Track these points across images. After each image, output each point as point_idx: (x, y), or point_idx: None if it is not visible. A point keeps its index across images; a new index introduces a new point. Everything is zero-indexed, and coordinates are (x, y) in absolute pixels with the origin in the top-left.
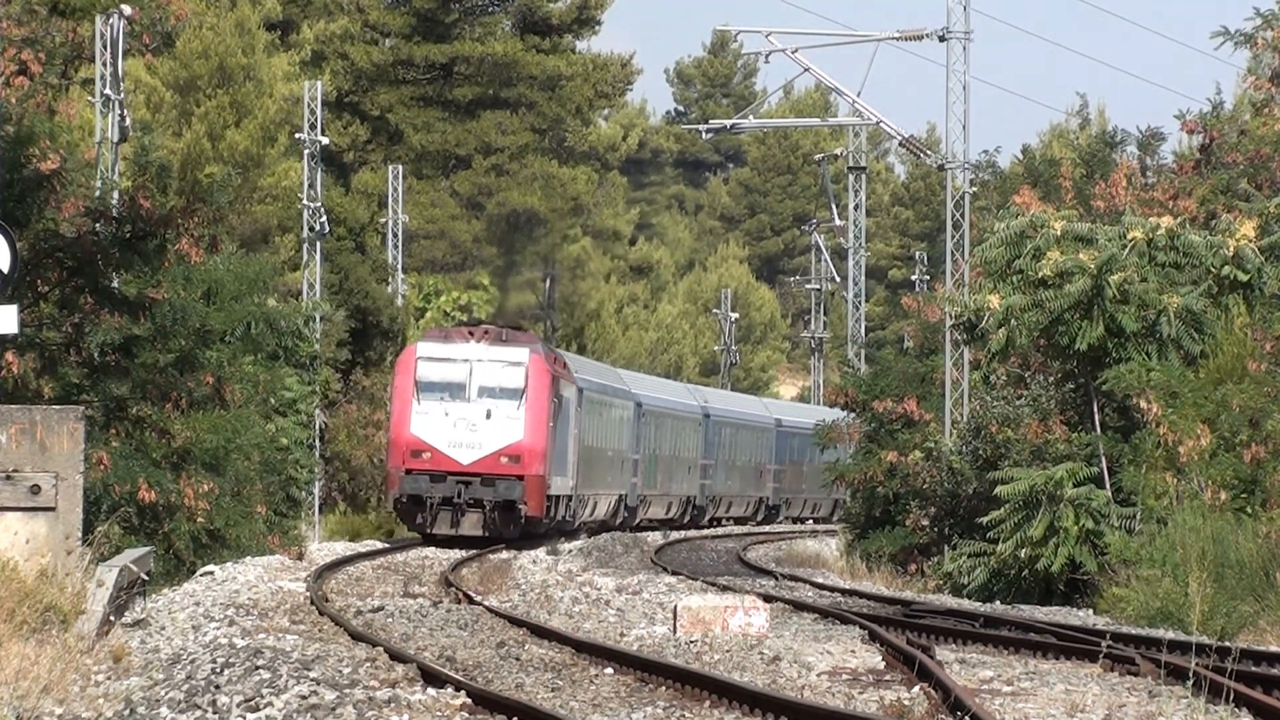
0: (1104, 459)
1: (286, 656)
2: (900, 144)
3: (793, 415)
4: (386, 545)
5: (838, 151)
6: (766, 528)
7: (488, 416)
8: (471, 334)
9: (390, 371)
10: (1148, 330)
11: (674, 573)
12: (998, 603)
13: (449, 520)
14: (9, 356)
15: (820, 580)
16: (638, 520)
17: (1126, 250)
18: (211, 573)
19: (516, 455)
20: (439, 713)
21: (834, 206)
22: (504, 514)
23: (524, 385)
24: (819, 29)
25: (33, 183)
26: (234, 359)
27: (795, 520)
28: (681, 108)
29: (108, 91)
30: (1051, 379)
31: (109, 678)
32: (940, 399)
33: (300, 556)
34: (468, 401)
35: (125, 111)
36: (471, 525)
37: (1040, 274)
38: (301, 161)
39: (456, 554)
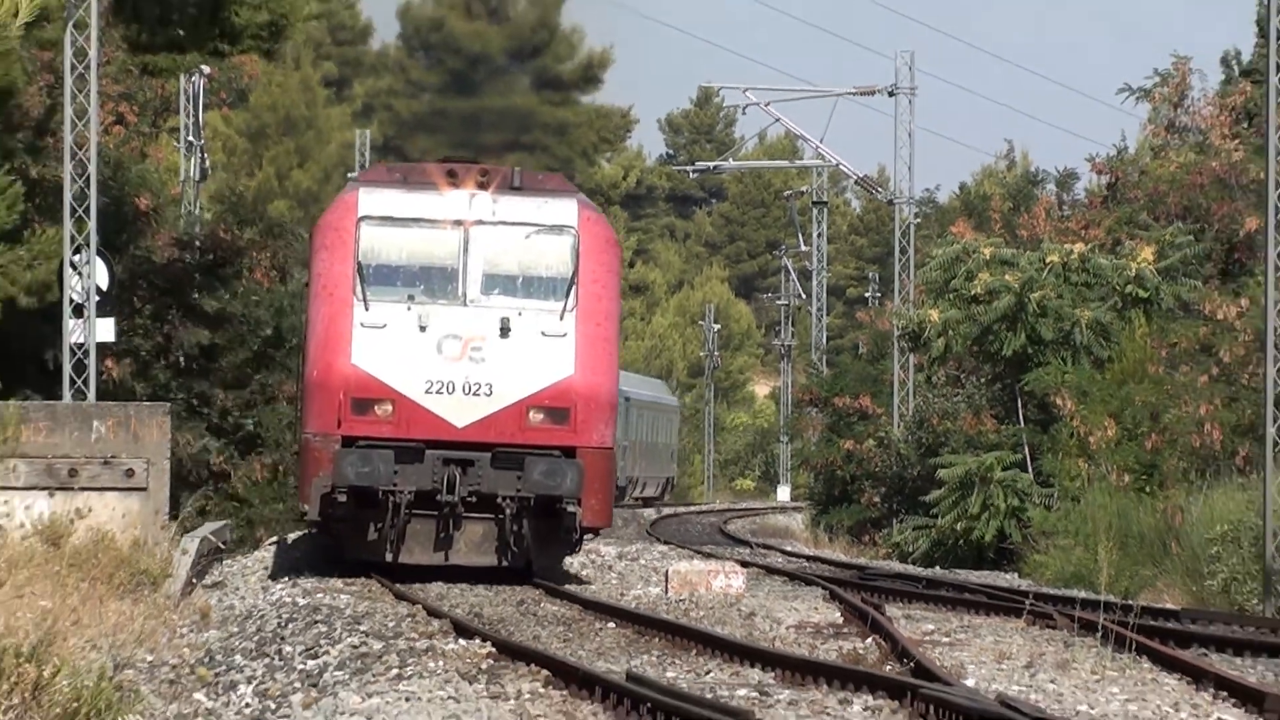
0: (1027, 447)
1: (341, 613)
2: (856, 182)
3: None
4: None
5: (803, 189)
6: (743, 504)
7: (503, 333)
8: (456, 177)
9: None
10: (1063, 339)
11: (666, 542)
12: (938, 568)
13: (430, 537)
14: (109, 362)
15: (789, 549)
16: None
17: (1045, 272)
18: (278, 542)
19: (564, 409)
20: (469, 659)
21: (800, 235)
22: (541, 524)
23: (573, 271)
24: (788, 85)
25: (130, 217)
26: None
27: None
28: (672, 151)
29: (190, 138)
30: (983, 380)
31: (192, 630)
32: (890, 396)
33: None
34: (463, 304)
35: (205, 155)
36: (473, 545)
37: (972, 292)
38: None
39: None
